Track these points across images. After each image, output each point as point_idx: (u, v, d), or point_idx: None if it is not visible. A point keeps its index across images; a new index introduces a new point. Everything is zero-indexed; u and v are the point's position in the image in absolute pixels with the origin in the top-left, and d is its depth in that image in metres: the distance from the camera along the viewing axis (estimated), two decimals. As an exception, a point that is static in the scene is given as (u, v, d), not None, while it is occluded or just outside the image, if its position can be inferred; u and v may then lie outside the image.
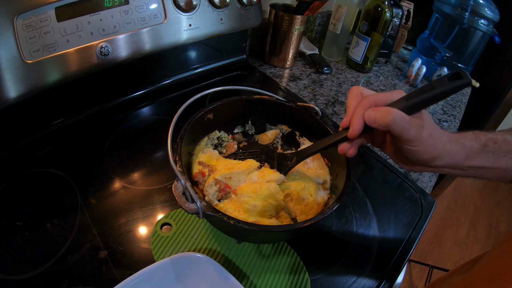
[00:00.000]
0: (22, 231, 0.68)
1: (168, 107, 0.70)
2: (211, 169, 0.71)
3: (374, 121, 0.51)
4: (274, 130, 0.87)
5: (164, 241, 0.69)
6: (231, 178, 0.70)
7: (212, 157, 0.75)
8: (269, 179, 0.69)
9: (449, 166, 0.58)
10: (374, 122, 0.51)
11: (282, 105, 0.83)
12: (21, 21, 0.69)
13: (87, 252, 0.66)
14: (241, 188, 0.69)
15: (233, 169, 0.70)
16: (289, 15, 1.26)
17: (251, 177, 0.71)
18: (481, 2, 1.41)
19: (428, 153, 0.54)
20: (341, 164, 0.71)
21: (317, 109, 0.79)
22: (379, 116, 0.51)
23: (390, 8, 1.35)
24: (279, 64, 1.43)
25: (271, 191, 0.67)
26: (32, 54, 0.72)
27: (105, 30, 0.83)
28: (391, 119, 0.49)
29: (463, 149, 0.57)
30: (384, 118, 0.50)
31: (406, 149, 0.54)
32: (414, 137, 0.52)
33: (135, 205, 0.76)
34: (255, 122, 0.87)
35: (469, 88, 1.67)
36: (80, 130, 0.93)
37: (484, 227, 3.00)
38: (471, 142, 0.58)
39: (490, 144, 0.58)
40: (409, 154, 0.55)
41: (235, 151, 0.82)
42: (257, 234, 0.62)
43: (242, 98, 0.81)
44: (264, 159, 0.77)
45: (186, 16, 0.98)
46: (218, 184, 0.67)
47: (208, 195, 0.66)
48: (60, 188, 0.77)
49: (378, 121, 0.51)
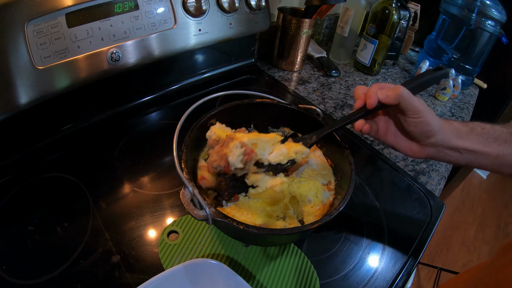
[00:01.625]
0: (34, 236, 0.68)
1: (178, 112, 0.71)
2: (231, 137, 0.66)
3: (385, 96, 0.61)
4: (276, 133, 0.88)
5: (172, 249, 0.69)
6: (257, 144, 0.66)
7: (225, 130, 0.72)
8: (296, 150, 0.68)
9: (445, 145, 0.65)
10: (386, 97, 0.61)
11: (283, 107, 0.83)
12: (32, 27, 0.69)
13: (100, 257, 0.66)
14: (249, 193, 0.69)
15: (259, 136, 0.68)
16: (297, 19, 1.27)
17: (279, 148, 0.69)
18: (488, 3, 1.40)
19: (429, 124, 0.62)
20: (344, 165, 0.71)
21: (319, 111, 0.79)
22: (390, 92, 0.61)
23: (397, 10, 1.35)
24: (288, 68, 1.43)
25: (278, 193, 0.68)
26: (43, 60, 0.73)
27: (115, 36, 0.83)
28: (400, 92, 0.60)
29: (453, 127, 0.65)
30: (394, 92, 0.60)
31: (411, 122, 0.63)
32: (418, 107, 0.60)
33: (146, 209, 0.76)
34: (258, 125, 0.88)
35: (477, 89, 1.67)
36: (91, 135, 0.94)
37: (492, 229, 2.99)
38: (459, 125, 0.66)
39: (478, 128, 0.66)
40: (413, 127, 0.63)
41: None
42: (266, 238, 0.63)
43: (244, 102, 0.82)
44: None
45: (196, 21, 0.99)
46: (244, 147, 0.63)
47: (232, 156, 0.62)
48: (72, 193, 0.78)
49: (389, 95, 0.61)
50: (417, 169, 1.03)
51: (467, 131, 0.66)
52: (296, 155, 0.68)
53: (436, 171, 1.04)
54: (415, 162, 1.05)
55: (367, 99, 0.63)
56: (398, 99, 0.60)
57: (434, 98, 1.47)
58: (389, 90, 0.61)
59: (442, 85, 1.43)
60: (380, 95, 0.62)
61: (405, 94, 0.60)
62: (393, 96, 0.60)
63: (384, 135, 0.71)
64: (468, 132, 0.66)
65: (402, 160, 1.05)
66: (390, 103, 0.62)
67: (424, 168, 1.04)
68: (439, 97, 1.46)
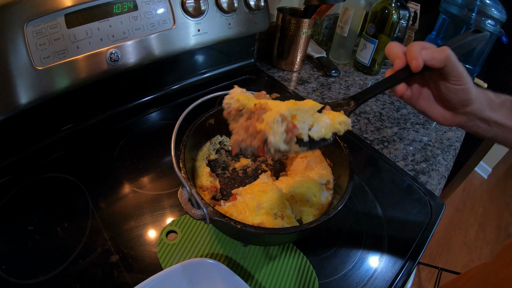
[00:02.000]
0: (34, 235, 0.68)
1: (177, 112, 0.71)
2: (263, 107, 0.52)
3: (432, 57, 0.56)
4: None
5: (170, 249, 0.69)
6: (296, 117, 0.54)
7: (249, 97, 0.58)
8: (340, 121, 0.57)
9: (478, 115, 0.63)
10: (432, 59, 0.56)
11: None
12: (31, 28, 0.70)
13: (99, 257, 0.66)
14: (245, 189, 0.70)
15: (297, 105, 0.55)
16: (297, 19, 1.27)
17: (320, 119, 0.57)
18: (487, 2, 1.40)
19: (469, 93, 0.59)
20: (343, 164, 0.71)
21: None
22: (436, 53, 0.56)
23: (397, 10, 1.35)
24: (287, 68, 1.43)
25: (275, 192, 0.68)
26: (42, 61, 0.73)
27: (114, 36, 0.83)
28: (448, 54, 0.55)
29: (488, 98, 0.63)
30: (441, 54, 0.56)
31: (452, 88, 0.59)
32: (462, 74, 0.57)
33: (146, 209, 0.76)
34: (256, 124, 0.88)
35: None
36: (90, 135, 0.94)
37: (493, 229, 2.98)
38: (492, 95, 0.64)
39: (508, 103, 0.64)
40: (453, 94, 0.60)
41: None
42: (264, 237, 0.63)
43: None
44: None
45: (195, 21, 0.99)
46: (285, 122, 0.50)
47: (274, 135, 0.48)
48: (71, 193, 0.78)
49: (435, 57, 0.56)
50: (417, 168, 1.03)
51: (499, 104, 0.64)
52: (340, 126, 0.57)
53: (436, 170, 1.04)
54: (415, 162, 1.06)
55: (412, 61, 0.57)
56: (445, 62, 0.56)
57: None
58: (435, 51, 0.56)
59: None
60: (426, 55, 0.56)
61: (453, 57, 0.56)
62: (440, 58, 0.56)
63: (416, 100, 0.67)
64: (500, 105, 0.64)
65: (402, 160, 1.05)
66: (435, 66, 0.57)
67: (424, 167, 1.04)
68: (439, 97, 1.45)
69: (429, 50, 0.57)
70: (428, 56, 0.56)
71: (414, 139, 1.16)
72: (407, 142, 1.14)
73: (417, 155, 1.09)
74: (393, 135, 1.15)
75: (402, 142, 1.13)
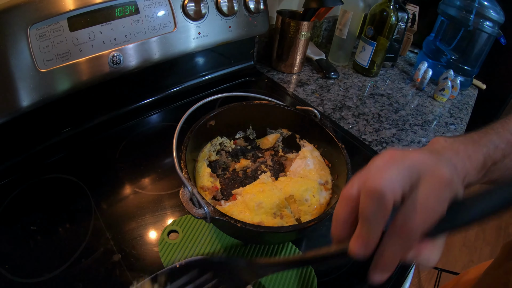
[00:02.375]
0: (37, 235, 0.69)
1: (178, 114, 0.72)
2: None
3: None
4: (274, 134, 0.89)
5: (172, 248, 0.69)
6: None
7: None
8: None
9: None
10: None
11: (281, 109, 0.85)
12: (34, 31, 0.71)
13: (101, 256, 0.67)
14: (245, 189, 0.71)
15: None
16: (296, 22, 1.28)
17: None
18: (486, 4, 1.41)
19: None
20: (341, 165, 0.72)
21: (316, 112, 0.80)
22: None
23: (395, 12, 1.36)
24: (287, 70, 1.44)
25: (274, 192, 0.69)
26: (45, 63, 0.74)
27: (116, 39, 0.85)
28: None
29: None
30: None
31: None
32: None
33: (147, 210, 0.77)
34: (256, 126, 0.90)
35: (476, 90, 1.68)
36: (92, 137, 0.95)
37: (493, 229, 2.99)
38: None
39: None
40: None
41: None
42: (264, 236, 0.64)
43: (242, 104, 0.83)
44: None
45: (195, 24, 1.00)
46: None
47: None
48: (74, 193, 0.79)
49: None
50: (415, 169, 1.04)
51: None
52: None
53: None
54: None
55: (359, 244, 0.38)
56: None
57: (433, 99, 1.48)
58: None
59: (441, 86, 1.44)
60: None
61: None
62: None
63: None
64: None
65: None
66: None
67: (422, 168, 1.05)
68: (437, 98, 1.46)
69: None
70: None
71: (413, 140, 1.17)
72: (406, 143, 1.15)
73: (415, 156, 1.10)
74: (391, 136, 1.16)
75: (400, 143, 1.14)
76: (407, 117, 1.29)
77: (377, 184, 0.35)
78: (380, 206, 0.35)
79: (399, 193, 0.36)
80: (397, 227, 0.36)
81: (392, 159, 0.38)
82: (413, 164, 0.37)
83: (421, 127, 1.25)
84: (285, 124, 0.88)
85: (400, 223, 0.36)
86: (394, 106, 1.35)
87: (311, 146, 0.84)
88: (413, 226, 0.35)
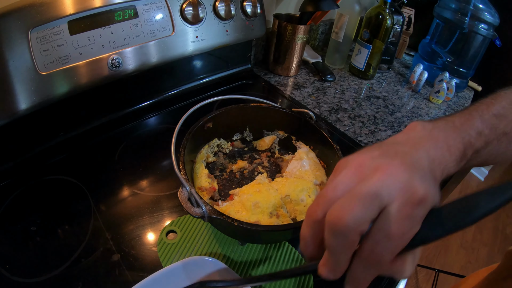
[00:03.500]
0: (37, 236, 0.70)
1: (176, 116, 0.73)
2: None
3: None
4: (271, 136, 0.90)
5: (170, 248, 0.70)
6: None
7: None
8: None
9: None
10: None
11: (277, 111, 0.86)
12: (35, 34, 0.72)
13: (101, 256, 0.68)
14: (242, 190, 0.73)
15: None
16: (292, 25, 1.29)
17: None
18: (480, 7, 1.42)
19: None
20: None
21: (312, 114, 0.82)
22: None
23: (391, 15, 1.37)
24: (284, 73, 1.45)
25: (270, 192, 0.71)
26: (46, 66, 0.75)
27: (116, 43, 0.86)
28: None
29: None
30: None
31: None
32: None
33: (146, 210, 0.78)
34: (253, 128, 0.91)
35: (471, 92, 1.69)
36: (92, 139, 0.96)
37: (490, 231, 3.00)
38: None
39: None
40: None
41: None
42: (260, 234, 0.65)
43: (239, 106, 0.85)
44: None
45: (193, 28, 1.01)
46: None
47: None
48: (73, 194, 0.80)
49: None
50: (410, 170, 1.05)
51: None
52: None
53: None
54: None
55: (330, 268, 0.37)
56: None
57: (428, 101, 1.49)
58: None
59: (436, 88, 1.45)
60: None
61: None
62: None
63: None
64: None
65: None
66: None
67: (417, 169, 1.06)
68: (433, 100, 1.48)
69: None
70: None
71: (408, 142, 1.18)
72: (401, 144, 1.16)
73: (410, 157, 1.11)
74: (387, 138, 1.17)
75: (396, 145, 1.15)
76: (403, 119, 1.30)
77: (341, 220, 0.33)
78: (344, 242, 0.34)
79: (366, 226, 0.34)
80: (365, 253, 0.34)
81: (358, 177, 0.36)
82: (382, 186, 0.34)
83: (416, 128, 1.26)
84: (281, 126, 0.90)
85: (368, 250, 0.34)
86: (390, 108, 1.36)
87: (307, 148, 0.86)
88: (382, 253, 0.34)
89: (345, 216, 0.33)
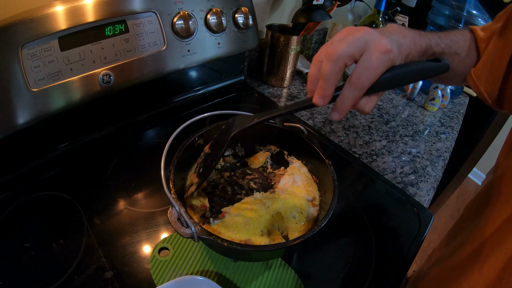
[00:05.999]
0: (30, 252, 0.70)
1: (169, 130, 0.73)
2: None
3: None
4: (264, 153, 0.90)
5: (163, 265, 0.70)
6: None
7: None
8: None
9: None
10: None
11: (269, 126, 0.86)
12: (26, 51, 0.72)
13: (94, 273, 0.67)
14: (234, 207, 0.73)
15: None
16: (285, 36, 1.29)
17: None
18: (474, 13, 1.43)
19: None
20: (328, 181, 0.74)
21: (303, 128, 0.82)
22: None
23: (384, 24, 1.38)
24: (277, 84, 1.45)
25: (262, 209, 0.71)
26: (37, 83, 0.75)
27: (106, 58, 0.86)
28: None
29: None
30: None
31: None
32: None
33: (139, 226, 0.78)
34: (244, 143, 0.91)
35: (467, 98, 1.70)
36: (84, 154, 0.95)
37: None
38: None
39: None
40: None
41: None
42: (251, 254, 0.64)
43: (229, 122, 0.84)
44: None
45: (185, 42, 1.02)
46: None
47: None
48: (66, 211, 0.79)
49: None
50: (406, 181, 1.05)
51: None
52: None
53: (425, 182, 1.06)
54: (403, 174, 1.08)
55: (321, 97, 0.53)
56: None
57: (424, 109, 1.49)
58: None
59: (431, 96, 1.46)
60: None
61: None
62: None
63: None
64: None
65: (390, 173, 1.07)
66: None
67: (412, 179, 1.06)
68: (428, 108, 1.48)
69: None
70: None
71: (403, 151, 1.18)
72: (396, 154, 1.16)
73: (405, 167, 1.11)
74: (381, 148, 1.18)
75: (391, 155, 1.15)
76: (398, 128, 1.30)
77: (333, 51, 0.50)
78: (334, 67, 0.50)
79: (350, 58, 0.50)
80: (352, 80, 0.50)
81: (348, 32, 0.52)
82: (362, 36, 0.50)
83: (411, 137, 1.27)
84: (273, 141, 0.90)
85: (354, 77, 0.50)
86: (385, 117, 1.37)
87: (299, 163, 0.86)
88: (362, 79, 0.49)
89: (337, 49, 0.49)
